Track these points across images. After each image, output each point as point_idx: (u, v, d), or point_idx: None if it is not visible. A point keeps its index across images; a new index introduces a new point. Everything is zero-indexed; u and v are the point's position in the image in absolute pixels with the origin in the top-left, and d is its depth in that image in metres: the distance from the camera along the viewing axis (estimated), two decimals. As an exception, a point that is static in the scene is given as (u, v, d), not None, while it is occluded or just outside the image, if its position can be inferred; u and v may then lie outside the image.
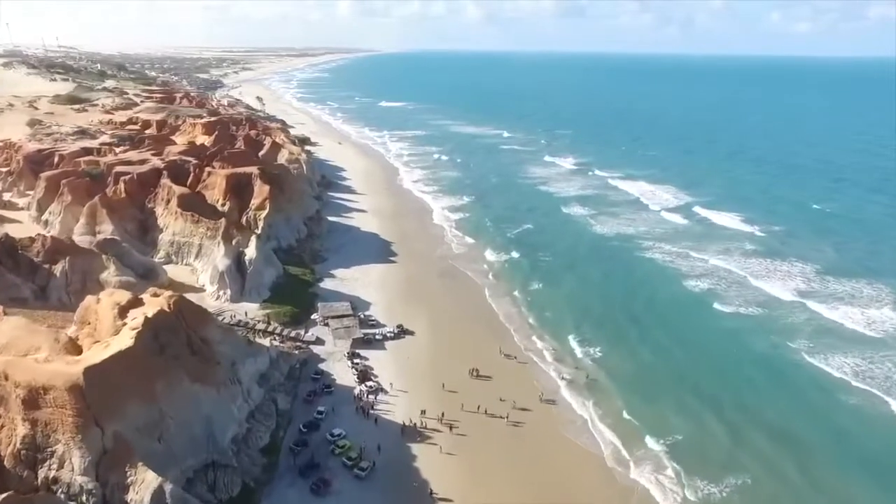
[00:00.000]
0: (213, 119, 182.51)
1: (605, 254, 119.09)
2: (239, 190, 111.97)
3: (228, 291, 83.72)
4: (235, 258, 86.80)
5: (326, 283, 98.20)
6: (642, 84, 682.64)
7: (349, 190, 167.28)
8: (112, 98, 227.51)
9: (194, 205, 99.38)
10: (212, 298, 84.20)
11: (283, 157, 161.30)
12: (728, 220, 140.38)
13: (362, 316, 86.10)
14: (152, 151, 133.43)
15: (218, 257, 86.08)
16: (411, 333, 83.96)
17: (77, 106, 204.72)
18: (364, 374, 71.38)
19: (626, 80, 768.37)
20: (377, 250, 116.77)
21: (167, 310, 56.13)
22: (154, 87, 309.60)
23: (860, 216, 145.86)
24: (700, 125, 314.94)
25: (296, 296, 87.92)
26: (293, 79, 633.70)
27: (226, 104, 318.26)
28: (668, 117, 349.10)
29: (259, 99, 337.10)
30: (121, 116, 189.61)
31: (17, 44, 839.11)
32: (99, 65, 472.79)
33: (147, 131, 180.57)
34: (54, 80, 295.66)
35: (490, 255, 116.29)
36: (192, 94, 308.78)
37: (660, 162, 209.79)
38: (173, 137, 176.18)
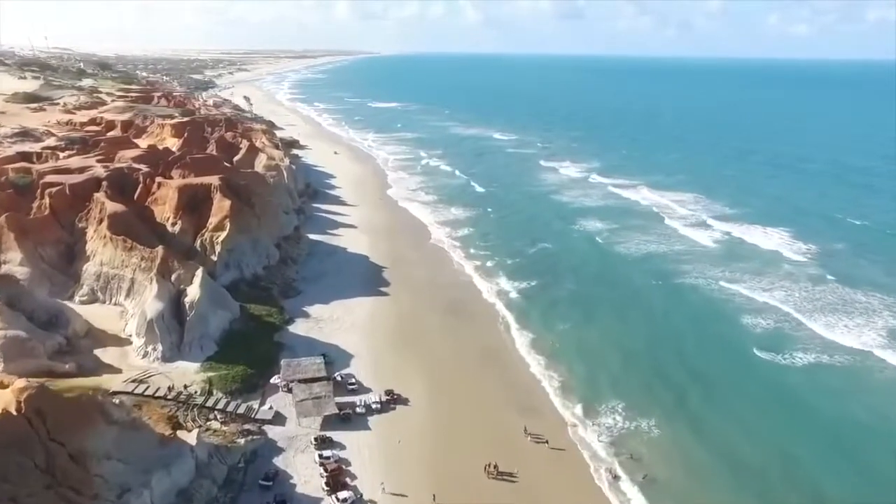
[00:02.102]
0: (184, 120, 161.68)
1: (631, 282, 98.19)
2: (195, 205, 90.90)
3: (160, 347, 62.53)
4: (172, 300, 65.79)
5: (297, 327, 77.08)
6: (641, 86, 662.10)
7: (337, 201, 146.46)
8: (77, 97, 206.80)
9: (131, 226, 78.34)
10: (138, 355, 63.08)
11: (260, 163, 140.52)
12: (753, 236, 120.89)
13: (339, 377, 65.09)
14: (101, 157, 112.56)
15: (148, 300, 64.97)
16: (404, 402, 62.97)
17: (35, 105, 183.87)
18: (336, 477, 50.15)
19: (625, 81, 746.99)
20: (366, 278, 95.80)
21: (14, 412, 35.34)
22: (133, 87, 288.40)
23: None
24: (701, 127, 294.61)
25: (253, 349, 66.78)
26: (288, 80, 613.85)
27: (211, 104, 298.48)
28: (668, 119, 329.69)
29: (246, 99, 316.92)
30: (83, 116, 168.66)
31: (11, 45, 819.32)
32: (82, 63, 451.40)
33: (110, 133, 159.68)
34: (24, 77, 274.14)
35: (502, 283, 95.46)
36: (174, 93, 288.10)
37: (665, 166, 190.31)
38: (138, 140, 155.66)
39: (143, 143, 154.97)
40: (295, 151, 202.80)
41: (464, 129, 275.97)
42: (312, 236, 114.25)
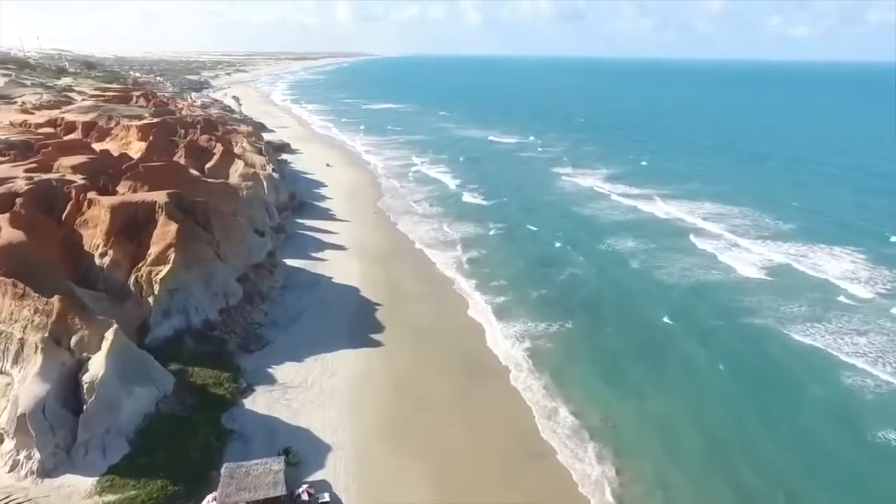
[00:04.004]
0: (153, 121, 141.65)
1: (683, 327, 77.06)
2: (135, 229, 70.77)
3: (36, 454, 42.22)
4: (65, 379, 45.51)
5: (256, 400, 56.74)
6: (643, 87, 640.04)
7: (326, 214, 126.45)
8: (40, 95, 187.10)
9: (30, 262, 57.99)
10: (4, 466, 42.77)
11: (236, 172, 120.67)
12: (802, 261, 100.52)
13: (306, 493, 44.77)
14: (34, 166, 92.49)
15: (27, 379, 44.72)
16: (401, 535, 42.92)
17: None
18: None
19: (627, 83, 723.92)
20: (354, 321, 75.46)
21: None
22: (113, 86, 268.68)
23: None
24: (708, 130, 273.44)
25: (186, 445, 46.47)
26: (286, 81, 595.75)
27: (199, 105, 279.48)
28: (672, 121, 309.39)
29: (236, 99, 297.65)
30: (41, 117, 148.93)
31: (9, 47, 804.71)
32: (67, 63, 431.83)
33: (69, 136, 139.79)
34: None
35: (523, 328, 74.84)
36: (158, 93, 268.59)
37: (679, 173, 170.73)
38: (100, 144, 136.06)
39: (105, 147, 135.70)
40: (284, 156, 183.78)
41: (464, 132, 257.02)
42: (291, 262, 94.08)
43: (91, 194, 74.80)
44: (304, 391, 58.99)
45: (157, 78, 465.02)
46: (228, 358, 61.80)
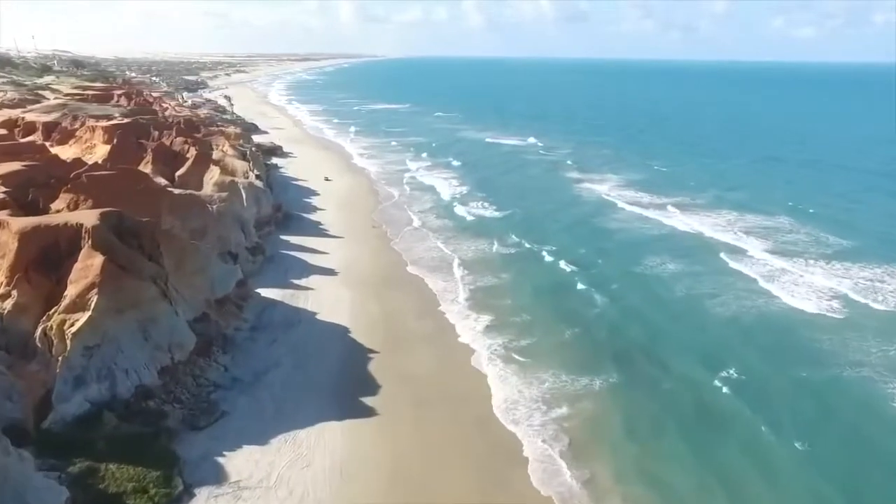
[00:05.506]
0: (122, 121, 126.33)
1: (736, 379, 60.48)
2: (54, 263, 55.11)
3: None
4: None
5: (193, 514, 41.38)
6: (646, 89, 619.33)
7: (316, 229, 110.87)
8: (3, 93, 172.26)
9: None
10: None
11: (211, 180, 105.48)
12: (861, 291, 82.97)
13: None
14: (-43, 174, 77.02)
15: None
16: None
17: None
18: None
19: (629, 84, 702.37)
20: (340, 377, 59.27)
21: None
22: (96, 84, 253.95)
23: None
24: (715, 132, 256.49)
25: None
26: (285, 81, 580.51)
27: (189, 104, 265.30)
28: (678, 122, 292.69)
29: (227, 98, 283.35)
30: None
31: (8, 48, 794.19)
32: (56, 62, 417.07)
33: (27, 138, 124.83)
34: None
35: (550, 388, 57.87)
36: (144, 92, 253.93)
37: (692, 179, 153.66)
38: (63, 147, 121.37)
39: (68, 150, 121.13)
40: (275, 160, 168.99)
41: (467, 133, 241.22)
42: (268, 292, 78.16)
43: (2, 214, 59.28)
44: (265, 495, 42.94)
45: (154, 78, 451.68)
46: (165, 441, 45.94)
